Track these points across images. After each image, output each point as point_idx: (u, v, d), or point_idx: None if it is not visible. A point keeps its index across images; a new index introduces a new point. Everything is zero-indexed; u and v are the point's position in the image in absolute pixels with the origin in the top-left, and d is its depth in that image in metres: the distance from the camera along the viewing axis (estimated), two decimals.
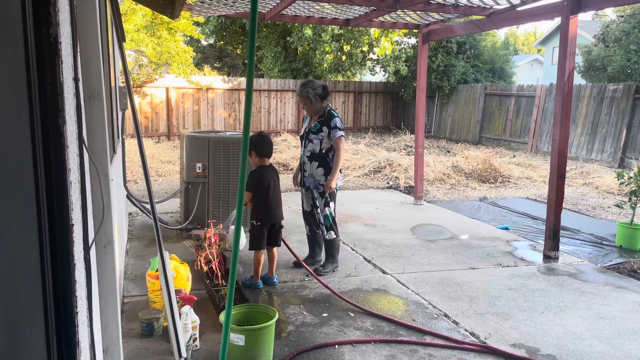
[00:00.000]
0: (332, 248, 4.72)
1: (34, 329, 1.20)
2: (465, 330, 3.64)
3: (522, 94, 15.40)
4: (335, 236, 4.70)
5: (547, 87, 14.57)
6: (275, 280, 4.38)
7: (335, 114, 4.63)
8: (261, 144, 4.25)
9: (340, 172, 4.71)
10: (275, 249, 4.39)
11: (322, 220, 4.67)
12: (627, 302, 4.20)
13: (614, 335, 3.59)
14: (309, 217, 4.82)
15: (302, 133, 4.82)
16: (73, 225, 1.33)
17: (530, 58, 37.37)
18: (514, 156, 13.04)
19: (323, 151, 4.60)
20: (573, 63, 5.13)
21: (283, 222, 4.44)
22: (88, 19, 1.95)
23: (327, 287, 4.14)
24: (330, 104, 4.73)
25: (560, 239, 5.44)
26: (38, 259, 1.21)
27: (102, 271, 2.02)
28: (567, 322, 3.79)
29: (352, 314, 3.83)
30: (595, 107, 13.20)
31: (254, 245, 4.24)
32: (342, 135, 4.58)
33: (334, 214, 4.70)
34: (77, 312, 1.34)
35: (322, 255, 4.91)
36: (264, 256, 4.33)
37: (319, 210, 4.67)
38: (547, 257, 5.31)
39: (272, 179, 4.28)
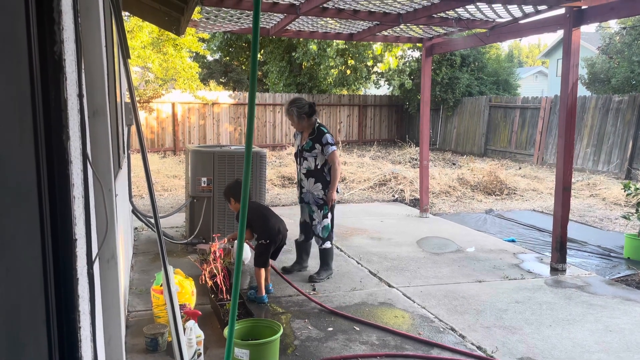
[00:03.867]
0: (327, 256, 4.89)
1: (37, 344, 1.20)
2: (472, 344, 3.60)
3: (527, 106, 15.40)
4: (330, 245, 4.87)
5: (552, 99, 14.57)
6: (270, 288, 4.48)
7: (325, 130, 4.77)
8: (238, 189, 4.39)
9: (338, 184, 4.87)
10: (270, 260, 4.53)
11: (319, 232, 4.82)
12: (635, 314, 4.15)
13: (622, 349, 3.54)
14: (306, 227, 5.01)
15: (295, 151, 4.99)
16: (76, 239, 1.34)
17: (535, 70, 37.44)
18: (520, 168, 13.00)
19: (318, 167, 4.74)
20: (576, 75, 5.14)
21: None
22: (92, 37, 1.98)
23: (315, 301, 4.12)
24: (318, 120, 4.89)
25: (568, 251, 5.39)
26: (41, 274, 1.22)
27: (106, 286, 2.02)
28: (576, 336, 3.74)
29: (357, 328, 3.80)
30: (600, 118, 13.17)
31: (260, 262, 4.28)
32: (335, 150, 4.73)
33: (331, 225, 4.87)
34: (80, 327, 1.34)
35: (309, 262, 5.12)
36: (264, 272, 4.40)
37: (315, 222, 4.82)
38: (554, 270, 5.26)
39: (262, 207, 4.51)
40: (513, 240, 6.54)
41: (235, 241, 4.81)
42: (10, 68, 1.10)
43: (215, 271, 4.01)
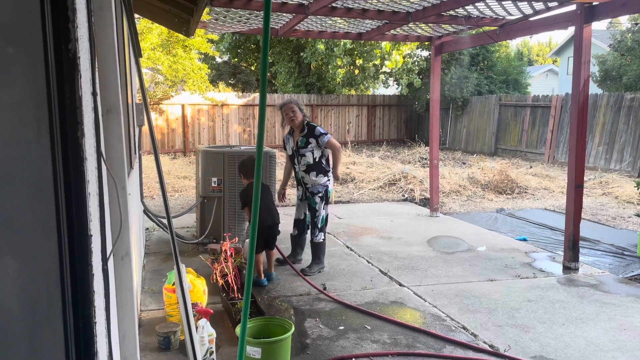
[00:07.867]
0: (319, 250, 5.05)
1: (54, 338, 1.21)
2: (485, 342, 3.58)
3: (538, 104, 15.29)
4: (323, 239, 5.03)
5: (563, 97, 14.46)
6: (273, 275, 4.69)
7: (315, 125, 5.02)
8: (248, 167, 4.77)
9: (328, 176, 5.02)
10: (273, 251, 4.80)
11: (318, 224, 4.97)
12: None
13: (637, 347, 3.51)
14: (300, 223, 5.20)
15: (290, 153, 5.15)
16: (91, 236, 1.36)
17: (545, 68, 37.10)
18: (531, 167, 12.91)
19: (317, 160, 4.96)
20: (588, 72, 5.09)
21: (279, 228, 4.82)
22: (105, 36, 2.00)
23: (314, 286, 4.11)
24: (306, 117, 5.10)
25: (580, 249, 5.35)
26: (57, 269, 1.23)
27: (120, 282, 2.04)
28: (589, 334, 3.71)
29: (368, 327, 3.79)
30: (612, 116, 13.05)
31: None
32: (330, 137, 4.96)
33: (326, 216, 5.07)
34: (95, 322, 1.35)
35: (302, 255, 5.35)
36: (262, 257, 4.71)
37: (317, 212, 4.97)
38: (566, 268, 5.22)
39: (262, 193, 4.54)
40: (524, 239, 6.49)
41: (246, 241, 4.89)
42: (27, 65, 1.12)
43: (226, 270, 4.02)
